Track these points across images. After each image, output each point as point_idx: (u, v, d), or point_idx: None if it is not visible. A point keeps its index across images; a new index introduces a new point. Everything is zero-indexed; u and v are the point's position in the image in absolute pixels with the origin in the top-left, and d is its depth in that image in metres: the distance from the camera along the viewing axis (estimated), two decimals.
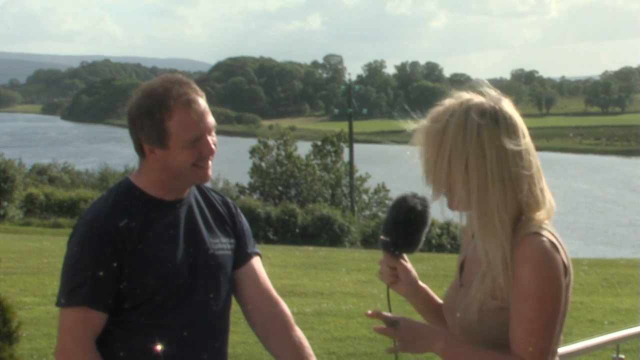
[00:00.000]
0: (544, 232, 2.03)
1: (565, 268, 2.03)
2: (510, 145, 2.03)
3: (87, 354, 2.28)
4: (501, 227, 2.03)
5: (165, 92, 2.33)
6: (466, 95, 2.10)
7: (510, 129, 2.05)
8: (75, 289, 2.30)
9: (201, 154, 2.37)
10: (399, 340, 2.07)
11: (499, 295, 2.04)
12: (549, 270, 1.99)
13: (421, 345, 2.06)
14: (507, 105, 2.09)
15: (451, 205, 2.11)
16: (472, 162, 2.02)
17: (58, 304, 2.33)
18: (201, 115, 2.36)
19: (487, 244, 2.04)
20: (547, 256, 1.99)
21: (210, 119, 2.39)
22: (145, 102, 2.35)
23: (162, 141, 2.34)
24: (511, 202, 2.03)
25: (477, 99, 2.08)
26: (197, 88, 2.40)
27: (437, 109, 2.10)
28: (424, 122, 2.10)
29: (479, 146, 2.02)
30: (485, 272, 2.06)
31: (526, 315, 1.99)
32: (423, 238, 2.22)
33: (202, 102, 2.38)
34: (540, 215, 2.07)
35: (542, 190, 2.08)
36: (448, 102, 2.10)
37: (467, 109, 2.06)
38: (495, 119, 2.05)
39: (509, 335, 2.02)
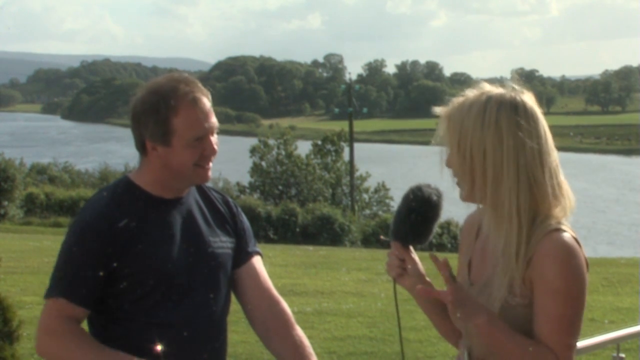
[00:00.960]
0: (566, 229, 2.04)
1: (587, 264, 2.05)
2: (527, 134, 2.04)
3: (61, 340, 2.28)
4: (514, 216, 2.03)
5: (171, 89, 2.34)
6: (487, 87, 2.11)
7: (530, 119, 2.06)
8: (57, 281, 2.33)
9: (203, 153, 2.37)
10: (452, 299, 2.00)
11: (517, 291, 2.04)
12: (575, 267, 2.00)
13: (468, 310, 2.00)
14: (528, 98, 2.10)
15: (466, 197, 2.11)
16: (489, 149, 2.03)
17: (45, 296, 2.37)
18: (206, 115, 2.36)
19: (501, 234, 2.05)
20: (573, 253, 2.00)
21: (214, 120, 2.40)
22: (150, 98, 2.34)
23: (165, 138, 2.34)
24: (525, 192, 2.03)
25: (497, 90, 2.10)
26: (203, 88, 2.40)
27: (457, 99, 2.11)
28: (445, 112, 2.11)
29: (497, 133, 2.03)
30: (505, 267, 2.06)
31: (553, 311, 1.99)
32: (434, 230, 2.20)
33: (208, 102, 2.39)
34: (559, 211, 2.07)
35: (559, 185, 2.08)
36: (469, 92, 2.11)
37: (487, 98, 2.08)
38: (514, 108, 2.06)
39: (534, 330, 2.01)
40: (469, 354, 2.19)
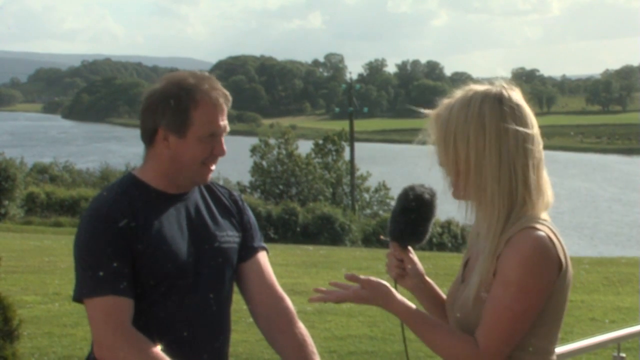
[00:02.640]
0: (542, 227, 2.02)
1: (561, 265, 2.02)
2: (511, 124, 2.04)
3: (127, 340, 2.24)
4: (496, 203, 2.04)
5: (195, 84, 2.38)
6: (473, 86, 2.13)
7: (515, 111, 2.07)
8: (96, 279, 2.27)
9: (213, 151, 2.40)
10: (356, 295, 2.15)
11: (488, 286, 2.03)
12: (537, 264, 1.98)
13: (378, 302, 2.15)
14: (514, 93, 2.11)
15: (457, 193, 2.12)
16: (472, 137, 2.05)
17: (80, 296, 2.31)
18: (224, 115, 2.41)
19: (485, 223, 2.06)
20: (539, 250, 1.99)
21: (227, 122, 2.43)
22: (172, 89, 2.38)
23: (181, 129, 2.36)
24: (505, 180, 2.04)
25: (483, 87, 2.12)
26: (227, 92, 2.44)
27: (445, 100, 2.14)
28: (433, 112, 2.14)
29: (480, 121, 2.05)
30: (481, 262, 2.07)
31: (500, 301, 1.98)
32: (430, 229, 2.22)
33: (226, 104, 2.42)
34: (536, 206, 2.06)
35: (539, 178, 2.08)
36: (455, 93, 2.14)
37: (473, 93, 2.10)
38: (498, 99, 2.07)
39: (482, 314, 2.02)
40: None
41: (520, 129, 2.05)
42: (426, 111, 2.15)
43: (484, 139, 2.04)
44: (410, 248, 2.27)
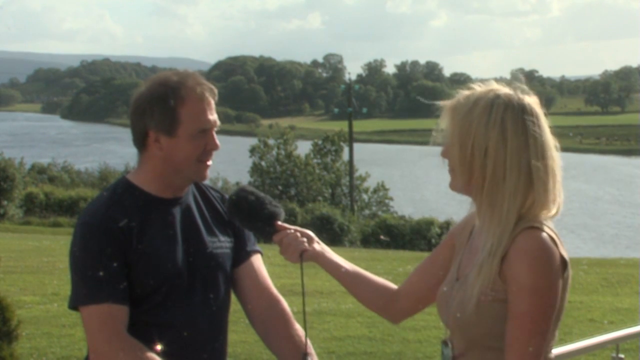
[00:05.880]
0: (543, 227, 2.02)
1: (564, 264, 2.03)
2: (532, 137, 2.03)
3: (123, 347, 2.23)
4: (507, 219, 2.02)
5: (180, 82, 2.37)
6: (495, 85, 2.11)
7: (536, 122, 2.05)
8: (95, 280, 2.27)
9: (206, 147, 2.39)
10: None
11: (492, 286, 2.03)
12: (546, 265, 1.98)
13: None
14: (534, 102, 2.09)
15: (459, 188, 2.11)
16: (492, 148, 2.02)
17: (75, 303, 2.30)
18: (212, 109, 2.40)
19: (494, 232, 2.04)
20: (545, 251, 1.98)
21: (216, 117, 2.42)
22: (158, 89, 2.36)
23: (171, 128, 2.34)
24: (522, 196, 2.03)
25: (505, 89, 2.09)
26: (210, 84, 2.43)
27: (464, 93, 2.10)
28: (450, 104, 2.10)
29: (502, 133, 2.02)
30: (482, 262, 2.06)
31: (518, 308, 1.98)
32: (266, 201, 2.39)
33: (213, 98, 2.42)
34: (544, 213, 2.06)
35: (555, 193, 2.07)
36: (476, 87, 2.11)
37: (495, 96, 2.07)
38: (521, 109, 2.05)
39: (505, 328, 2.00)
40: (451, 348, 2.18)
41: (540, 141, 2.03)
42: (441, 102, 2.12)
43: (504, 152, 2.02)
44: (283, 224, 2.48)
